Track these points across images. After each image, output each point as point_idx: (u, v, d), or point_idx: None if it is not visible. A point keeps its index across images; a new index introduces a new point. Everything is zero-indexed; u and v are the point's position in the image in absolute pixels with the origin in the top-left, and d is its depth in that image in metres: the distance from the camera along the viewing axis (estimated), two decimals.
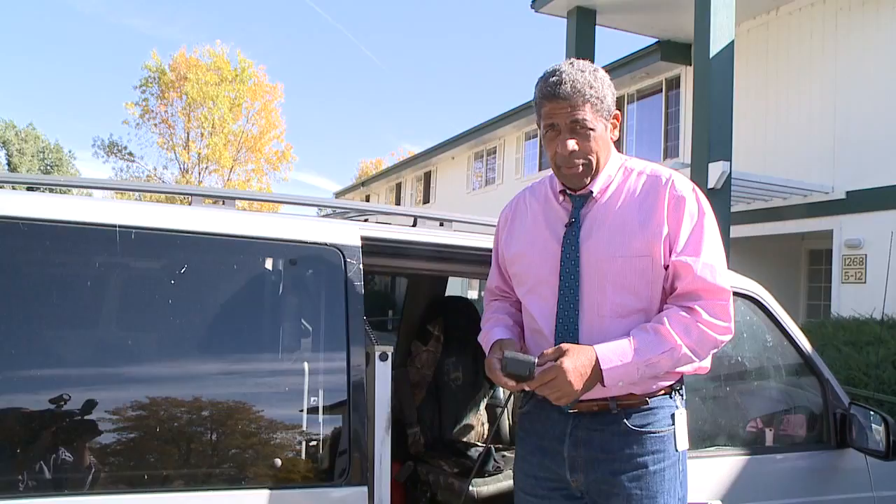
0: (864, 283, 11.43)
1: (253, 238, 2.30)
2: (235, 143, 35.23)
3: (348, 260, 2.36)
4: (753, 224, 12.99)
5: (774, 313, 3.04)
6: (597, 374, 1.97)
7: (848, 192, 11.67)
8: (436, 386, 4.54)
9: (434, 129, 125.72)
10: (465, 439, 4.48)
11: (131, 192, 3.35)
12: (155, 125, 35.77)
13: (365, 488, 2.23)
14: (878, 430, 3.04)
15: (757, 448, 3.03)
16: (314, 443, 2.26)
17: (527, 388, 2.05)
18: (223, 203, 2.56)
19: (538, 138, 21.01)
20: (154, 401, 2.10)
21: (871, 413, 3.07)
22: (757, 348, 3.18)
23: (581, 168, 2.12)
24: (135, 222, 2.16)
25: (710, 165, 9.67)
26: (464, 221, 2.94)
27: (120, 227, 2.12)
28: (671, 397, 2.16)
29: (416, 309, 4.73)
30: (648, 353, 1.99)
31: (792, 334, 3.09)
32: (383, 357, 2.38)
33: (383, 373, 2.38)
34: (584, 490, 2.15)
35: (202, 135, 34.77)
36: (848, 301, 11.27)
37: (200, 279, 2.25)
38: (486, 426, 4.62)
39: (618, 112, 2.17)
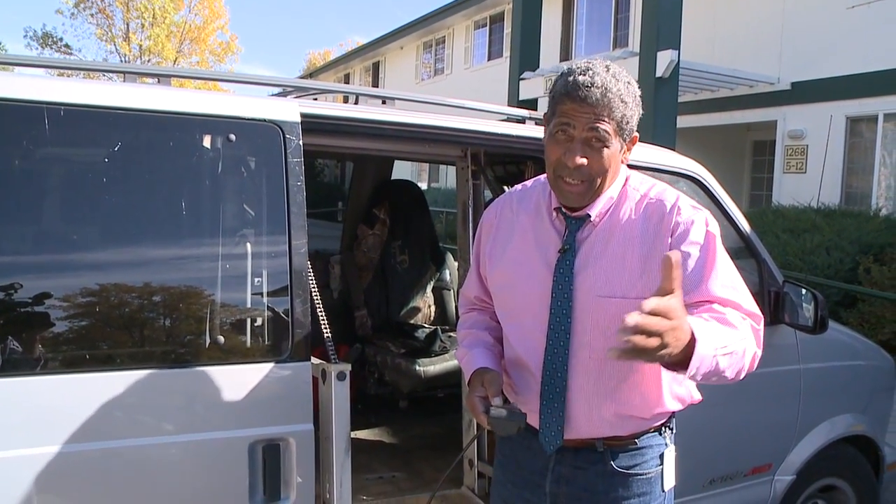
0: (805, 172, 11.68)
1: (188, 114, 2.20)
2: (178, 34, 33.99)
3: (287, 136, 2.29)
4: (700, 114, 13.07)
5: (716, 194, 3.07)
6: (686, 351, 1.57)
7: (793, 83, 11.77)
8: (382, 269, 4.58)
9: (383, 19, 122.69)
10: (411, 321, 4.56)
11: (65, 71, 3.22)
12: (91, 15, 34.27)
13: (308, 363, 2.25)
14: (808, 308, 3.16)
15: None
16: (259, 322, 2.25)
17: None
18: (159, 81, 2.47)
19: (487, 27, 20.70)
20: (96, 285, 2.06)
21: (803, 291, 3.17)
22: None
23: (582, 187, 1.86)
24: (63, 99, 2.05)
25: (659, 54, 9.64)
26: (407, 99, 2.87)
27: (48, 103, 2.03)
28: (661, 434, 1.99)
29: (362, 192, 4.70)
30: (725, 339, 1.66)
31: (732, 215, 3.13)
32: (341, 377, 2.29)
33: (341, 393, 2.30)
34: None
35: (143, 26, 33.46)
36: (789, 190, 11.55)
37: (133, 158, 2.17)
38: (433, 308, 4.70)
39: (637, 134, 1.89)
